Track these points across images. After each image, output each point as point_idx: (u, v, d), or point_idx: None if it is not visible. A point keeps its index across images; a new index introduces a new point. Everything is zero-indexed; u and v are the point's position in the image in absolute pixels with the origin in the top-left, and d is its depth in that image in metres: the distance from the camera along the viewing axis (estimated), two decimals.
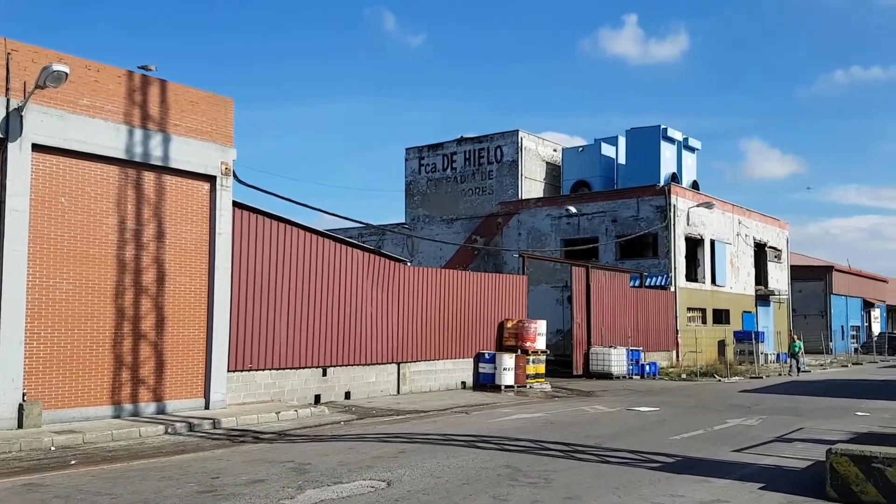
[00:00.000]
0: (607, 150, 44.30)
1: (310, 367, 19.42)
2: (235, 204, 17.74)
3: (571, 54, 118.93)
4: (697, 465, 11.46)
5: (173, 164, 16.43)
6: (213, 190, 17.21)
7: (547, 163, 45.96)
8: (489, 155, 44.88)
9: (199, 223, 17.05)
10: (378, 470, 10.69)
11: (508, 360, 24.19)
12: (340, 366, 20.24)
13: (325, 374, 19.84)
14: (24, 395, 13.69)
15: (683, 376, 31.90)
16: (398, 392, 22.03)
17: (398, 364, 22.12)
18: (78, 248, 14.91)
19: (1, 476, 10.24)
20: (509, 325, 25.75)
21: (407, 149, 48.10)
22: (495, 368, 24.21)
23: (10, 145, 13.74)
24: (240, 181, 17.96)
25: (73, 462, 11.40)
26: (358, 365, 20.78)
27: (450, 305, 23.88)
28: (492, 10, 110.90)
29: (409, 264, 22.93)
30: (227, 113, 17.72)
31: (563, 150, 46.38)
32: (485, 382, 24.36)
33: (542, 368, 25.72)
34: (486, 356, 24.59)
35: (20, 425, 13.43)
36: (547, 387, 25.20)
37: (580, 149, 45.73)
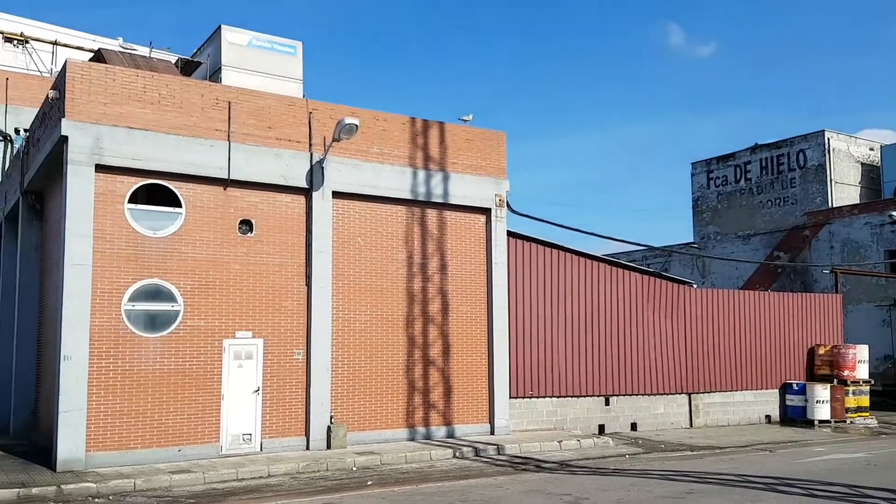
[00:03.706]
0: None
1: (591, 396, 18.95)
2: (510, 234, 18.13)
3: (889, 43, 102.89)
4: None
5: (452, 200, 17.31)
6: (488, 221, 17.79)
7: (862, 164, 40.20)
8: (790, 161, 40.52)
9: (477, 254, 17.69)
10: None
11: (822, 391, 21.39)
12: (623, 395, 19.47)
13: (607, 403, 19.22)
14: (331, 417, 15.24)
15: None
16: (690, 425, 20.53)
17: (689, 395, 20.66)
18: (373, 283, 16.32)
19: (305, 494, 11.41)
20: (821, 351, 22.78)
21: (693, 163, 45.37)
22: (806, 401, 21.56)
23: (315, 194, 15.55)
24: (514, 211, 18.35)
25: (369, 483, 12.32)
26: (643, 395, 19.80)
27: (746, 330, 21.80)
28: (791, 8, 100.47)
29: (694, 286, 21.43)
30: (499, 146, 18.27)
31: (881, 147, 40.23)
32: (794, 416, 21.75)
33: (865, 401, 22.36)
34: (795, 387, 21.98)
35: (328, 446, 14.95)
36: (872, 422, 21.75)
37: None
